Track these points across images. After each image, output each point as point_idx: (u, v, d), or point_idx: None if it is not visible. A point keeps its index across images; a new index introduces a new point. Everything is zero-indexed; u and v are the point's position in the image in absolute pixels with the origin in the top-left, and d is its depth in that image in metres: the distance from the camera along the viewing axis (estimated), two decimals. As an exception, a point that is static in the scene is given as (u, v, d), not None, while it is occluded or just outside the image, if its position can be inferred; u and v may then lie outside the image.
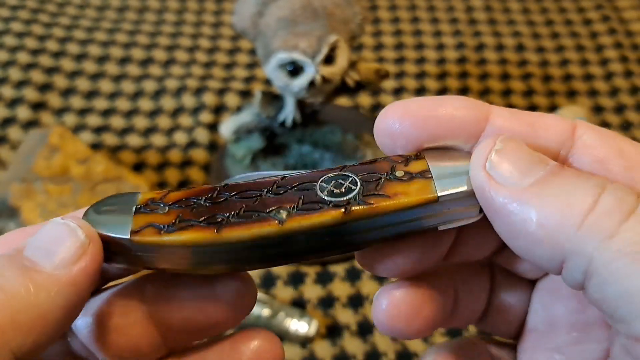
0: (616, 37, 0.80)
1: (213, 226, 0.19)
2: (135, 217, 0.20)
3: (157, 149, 0.65)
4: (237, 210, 0.19)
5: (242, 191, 0.20)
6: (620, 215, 0.16)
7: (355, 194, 0.19)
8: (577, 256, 0.16)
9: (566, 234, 0.16)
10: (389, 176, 0.20)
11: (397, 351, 0.50)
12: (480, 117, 0.20)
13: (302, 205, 0.19)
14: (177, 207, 0.20)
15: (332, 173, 0.20)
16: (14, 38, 0.76)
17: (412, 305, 0.23)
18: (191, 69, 0.74)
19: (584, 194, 0.17)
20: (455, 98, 0.20)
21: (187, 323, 0.22)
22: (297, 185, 0.20)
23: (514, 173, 0.18)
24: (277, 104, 0.56)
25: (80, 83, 0.72)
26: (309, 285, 0.54)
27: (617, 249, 0.16)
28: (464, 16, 0.84)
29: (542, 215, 0.17)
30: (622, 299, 0.16)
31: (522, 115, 0.20)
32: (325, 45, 0.46)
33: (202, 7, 0.84)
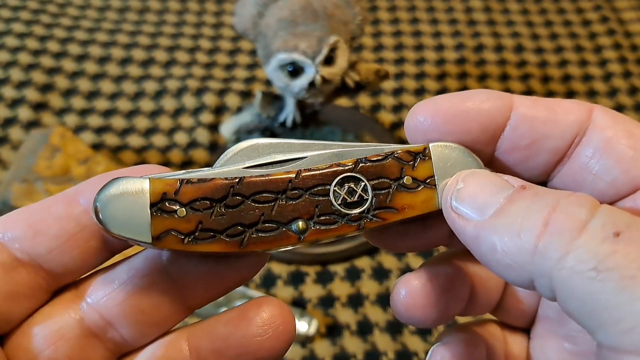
0: (615, 38, 0.81)
1: (237, 240, 0.20)
2: (154, 220, 0.19)
3: (157, 149, 0.65)
4: (257, 220, 0.20)
5: (257, 192, 0.20)
6: (571, 233, 0.17)
7: (367, 206, 0.21)
8: (540, 277, 0.17)
9: (525, 258, 0.17)
10: (397, 184, 0.21)
11: (397, 350, 0.50)
12: (504, 107, 0.21)
13: (319, 218, 0.20)
14: (195, 211, 0.20)
15: (344, 174, 0.21)
16: (15, 39, 0.76)
17: (429, 296, 0.24)
18: (192, 69, 0.74)
19: (536, 217, 0.17)
20: (480, 92, 0.22)
21: (206, 279, 0.22)
22: (311, 187, 0.21)
23: (476, 208, 0.19)
24: (278, 105, 0.57)
25: (81, 83, 0.72)
26: (309, 284, 0.54)
27: (571, 268, 0.16)
28: (463, 17, 0.85)
29: (503, 244, 0.18)
30: (584, 313, 0.16)
31: (543, 102, 0.21)
32: (325, 46, 0.47)
33: (202, 8, 0.85)
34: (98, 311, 0.21)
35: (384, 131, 0.67)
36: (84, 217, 0.21)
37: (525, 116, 0.21)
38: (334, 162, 0.21)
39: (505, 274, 0.18)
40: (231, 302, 0.50)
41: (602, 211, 0.17)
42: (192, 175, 0.20)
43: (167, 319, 0.22)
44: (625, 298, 0.15)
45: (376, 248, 0.57)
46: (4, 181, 0.55)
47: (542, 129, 0.21)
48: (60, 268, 0.21)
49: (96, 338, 0.21)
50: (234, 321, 0.22)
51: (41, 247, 0.20)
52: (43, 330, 0.21)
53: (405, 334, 0.51)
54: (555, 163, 0.22)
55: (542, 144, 0.21)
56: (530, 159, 0.22)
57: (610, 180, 0.20)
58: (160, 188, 0.20)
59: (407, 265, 0.56)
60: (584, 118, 0.21)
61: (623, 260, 0.16)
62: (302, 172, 0.21)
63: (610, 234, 0.16)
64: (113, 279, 0.22)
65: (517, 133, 0.21)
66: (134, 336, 0.22)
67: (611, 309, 0.16)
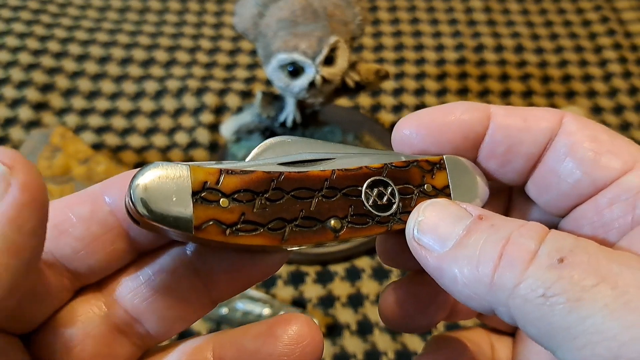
0: (615, 38, 0.81)
1: (279, 234, 0.20)
2: (196, 209, 0.18)
3: (158, 149, 0.65)
4: (297, 215, 0.20)
5: (297, 188, 0.21)
6: (522, 263, 0.18)
7: (394, 210, 0.22)
8: (499, 306, 0.18)
9: (484, 290, 0.18)
10: (419, 190, 0.23)
11: (397, 350, 0.50)
12: (483, 117, 0.23)
13: (352, 217, 0.21)
14: (237, 202, 0.19)
15: (374, 177, 0.22)
16: (16, 39, 0.76)
17: (415, 303, 0.25)
18: (192, 69, 0.74)
19: (491, 250, 0.19)
20: (459, 104, 0.23)
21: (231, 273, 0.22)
22: (345, 187, 0.21)
23: (436, 240, 0.20)
24: (278, 105, 0.57)
25: (82, 83, 0.72)
26: (309, 284, 0.54)
27: (523, 297, 0.17)
28: (463, 17, 0.85)
29: (463, 276, 0.19)
30: (542, 336, 0.18)
31: (517, 111, 0.23)
32: (325, 46, 0.47)
33: (203, 8, 0.85)
34: (123, 307, 0.21)
35: (384, 131, 0.67)
36: (110, 219, 0.21)
37: (501, 125, 0.23)
38: (364, 165, 0.22)
39: (468, 303, 0.19)
40: (231, 302, 0.50)
41: (549, 239, 0.18)
42: (231, 166, 0.20)
43: (192, 313, 0.22)
44: (574, 319, 0.16)
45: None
46: (4, 181, 0.55)
47: (517, 137, 0.22)
48: (84, 269, 0.21)
49: (122, 334, 0.21)
50: (262, 336, 0.22)
51: (66, 248, 0.20)
52: (69, 328, 0.21)
53: (405, 334, 0.51)
54: (531, 168, 0.23)
55: (517, 150, 0.23)
56: (507, 164, 0.23)
57: (573, 182, 0.22)
58: (202, 177, 0.19)
59: (407, 265, 0.56)
60: (554, 125, 0.22)
61: (568, 284, 0.17)
62: (336, 171, 0.21)
63: (555, 261, 0.17)
64: (138, 275, 0.22)
65: (494, 141, 0.23)
66: (160, 331, 0.22)
67: (564, 329, 0.17)
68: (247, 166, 0.20)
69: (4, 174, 0.16)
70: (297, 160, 0.21)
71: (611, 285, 0.17)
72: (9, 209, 0.16)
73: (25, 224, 0.16)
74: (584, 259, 0.17)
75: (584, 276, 0.17)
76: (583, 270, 0.17)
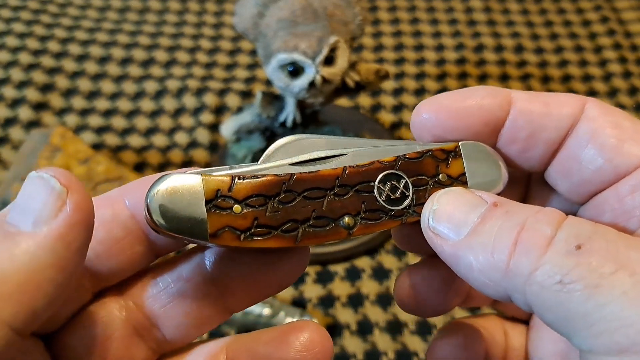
0: (615, 38, 0.81)
1: (292, 236, 0.20)
2: (210, 217, 0.19)
3: (158, 149, 0.65)
4: (309, 215, 0.21)
5: (308, 189, 0.21)
6: (538, 250, 0.18)
7: (408, 203, 0.22)
8: (515, 293, 0.18)
9: (499, 276, 0.18)
10: (434, 181, 0.22)
11: (397, 350, 0.50)
12: (504, 102, 0.22)
13: (365, 214, 0.21)
14: (250, 207, 0.20)
15: (387, 171, 0.22)
16: (16, 39, 0.76)
17: (430, 288, 0.25)
18: (192, 69, 0.74)
19: (507, 237, 0.18)
20: (480, 88, 0.23)
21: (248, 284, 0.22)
22: (357, 183, 0.21)
23: (451, 228, 0.20)
24: (278, 105, 0.57)
25: (82, 83, 0.72)
26: (309, 284, 0.54)
27: (539, 283, 0.17)
28: (463, 17, 0.85)
29: (479, 263, 0.19)
30: (558, 323, 0.18)
31: (539, 96, 0.23)
32: (325, 46, 0.47)
33: (203, 8, 0.85)
34: (142, 312, 0.22)
35: (384, 131, 0.67)
36: (130, 222, 0.21)
37: (523, 110, 0.22)
38: (376, 160, 0.22)
39: (483, 290, 0.19)
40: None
41: (566, 225, 0.18)
42: (242, 171, 0.20)
43: (209, 320, 0.23)
44: (592, 306, 0.16)
45: (376, 248, 0.57)
46: (4, 181, 0.55)
47: (539, 122, 0.22)
48: (105, 271, 0.21)
49: (140, 337, 0.22)
50: (274, 342, 0.22)
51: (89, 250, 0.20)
52: (90, 330, 0.21)
53: (405, 334, 0.51)
54: (552, 154, 0.23)
55: (539, 136, 0.22)
56: (528, 150, 0.23)
57: (594, 169, 0.21)
58: (214, 185, 0.20)
59: (407, 265, 0.56)
60: (577, 111, 0.22)
61: (585, 271, 0.17)
62: (347, 168, 0.21)
63: (573, 248, 0.17)
64: (157, 282, 0.22)
65: (516, 126, 0.22)
66: (176, 337, 0.22)
67: (581, 317, 0.17)
68: (259, 170, 0.21)
69: (60, 194, 0.17)
70: (309, 159, 0.22)
71: (629, 272, 0.16)
72: (61, 227, 0.17)
73: (74, 242, 0.17)
74: (602, 246, 0.17)
75: (602, 263, 0.17)
76: (601, 257, 0.17)
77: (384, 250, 0.57)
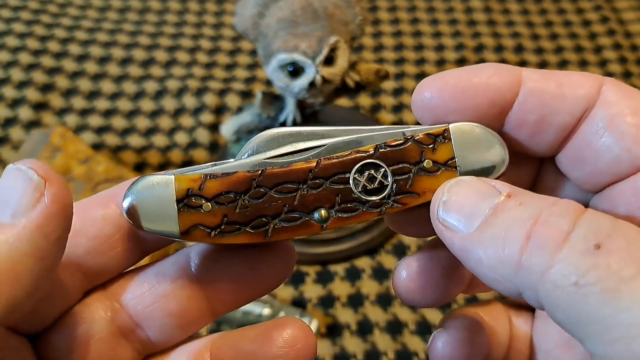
0: (615, 38, 0.81)
1: (262, 231, 0.20)
2: (181, 216, 0.20)
3: (158, 149, 0.65)
4: (280, 210, 0.21)
5: (279, 183, 0.21)
6: (553, 246, 0.17)
7: (388, 192, 0.21)
8: (526, 290, 0.17)
9: (510, 272, 0.17)
10: (418, 169, 0.21)
11: (397, 350, 0.50)
12: (513, 82, 0.21)
13: (340, 206, 0.21)
14: (219, 205, 0.20)
15: (364, 161, 0.21)
16: (16, 39, 0.76)
17: (429, 277, 0.24)
18: (192, 69, 0.74)
19: (519, 230, 0.17)
20: (488, 66, 0.21)
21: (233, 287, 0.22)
22: (331, 175, 0.21)
23: (461, 220, 0.19)
24: (278, 105, 0.57)
25: (82, 83, 0.72)
26: (309, 284, 0.54)
27: (553, 282, 0.16)
28: (463, 17, 0.85)
29: (488, 258, 0.18)
30: (571, 324, 0.17)
31: (552, 76, 0.21)
32: (325, 46, 0.47)
33: (203, 8, 0.85)
34: (127, 312, 0.22)
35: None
36: (120, 220, 0.21)
37: (533, 91, 0.21)
38: (354, 149, 0.21)
39: (494, 286, 0.18)
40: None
41: (584, 220, 0.17)
42: (216, 170, 0.21)
43: (193, 323, 0.23)
44: (609, 311, 0.15)
45: (376, 248, 0.57)
46: (4, 181, 0.55)
47: (551, 105, 0.20)
48: (96, 268, 0.21)
49: (124, 338, 0.22)
50: (258, 339, 0.22)
51: (79, 248, 0.21)
52: (74, 330, 0.21)
53: (405, 334, 0.51)
54: (564, 138, 0.21)
55: (551, 120, 0.21)
56: (538, 134, 0.21)
57: (611, 159, 0.20)
58: (186, 184, 0.20)
59: (407, 265, 0.56)
60: (593, 93, 0.20)
61: (604, 273, 0.16)
62: (322, 161, 0.21)
63: (591, 247, 0.16)
64: (142, 282, 0.22)
65: (525, 109, 0.21)
66: (161, 338, 0.22)
67: (596, 321, 0.16)
68: (231, 168, 0.21)
69: (38, 185, 0.17)
70: (287, 152, 0.21)
71: None
72: (39, 217, 0.17)
73: (52, 233, 0.17)
74: (622, 245, 0.16)
75: (622, 265, 0.16)
76: (621, 258, 0.16)
77: (384, 251, 0.57)
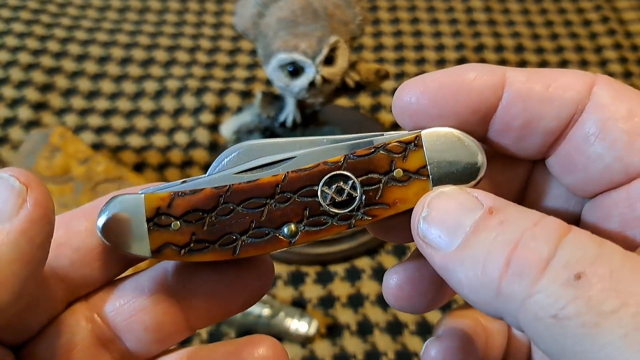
0: (615, 38, 0.81)
1: (230, 248, 0.20)
2: (151, 235, 0.20)
3: (157, 149, 0.65)
4: (247, 227, 0.20)
5: (246, 199, 0.21)
6: (533, 274, 0.16)
7: (357, 204, 0.21)
8: (507, 316, 0.17)
9: (490, 297, 0.17)
10: (387, 179, 0.21)
11: (397, 351, 0.50)
12: (496, 85, 0.20)
13: (309, 220, 0.21)
14: (187, 223, 0.20)
15: (332, 172, 0.21)
16: (15, 38, 0.76)
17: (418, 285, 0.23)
18: (192, 69, 0.74)
19: (498, 255, 0.17)
20: (470, 68, 0.20)
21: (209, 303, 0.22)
22: (299, 189, 0.21)
23: (442, 237, 0.18)
24: (278, 105, 0.57)
25: (81, 83, 0.72)
26: (309, 285, 0.54)
27: (533, 312, 0.16)
28: (463, 17, 0.85)
29: (468, 280, 0.17)
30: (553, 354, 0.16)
31: (539, 76, 0.20)
32: (325, 46, 0.47)
33: (203, 8, 0.85)
34: (107, 324, 0.22)
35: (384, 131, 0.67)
36: None
37: (518, 95, 0.20)
38: (322, 161, 0.21)
39: (475, 306, 0.18)
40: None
41: (566, 243, 0.16)
42: (185, 187, 0.21)
43: (169, 337, 0.22)
44: (589, 346, 0.15)
45: (376, 248, 0.57)
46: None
47: (536, 109, 0.20)
48: (80, 280, 0.22)
49: (105, 348, 0.22)
50: (229, 356, 0.22)
51: (64, 259, 0.21)
52: (57, 340, 0.21)
53: (405, 334, 0.51)
54: (552, 142, 0.20)
55: (537, 125, 0.20)
56: (524, 139, 0.20)
57: (603, 167, 0.19)
58: (155, 203, 0.20)
59: (407, 265, 0.56)
60: (583, 95, 0.19)
61: (584, 307, 0.15)
62: (289, 174, 0.21)
63: (572, 276, 0.15)
64: (120, 295, 0.22)
65: (509, 113, 0.20)
66: (139, 350, 0.22)
67: (576, 354, 0.15)
68: (199, 184, 0.21)
69: (20, 191, 0.18)
70: (256, 166, 0.21)
71: (633, 311, 0.15)
72: (23, 223, 0.17)
73: (36, 237, 0.18)
74: (605, 274, 0.15)
75: (603, 298, 0.15)
76: (602, 290, 0.15)
77: (384, 251, 0.57)
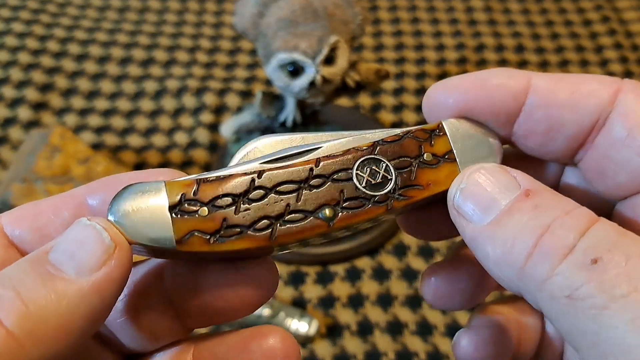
0: (616, 38, 0.81)
1: (265, 234, 0.19)
2: (176, 223, 0.19)
3: (157, 149, 0.65)
4: (283, 211, 0.20)
5: (279, 183, 0.20)
6: (555, 258, 0.17)
7: (393, 186, 0.21)
8: (527, 294, 0.18)
9: (513, 274, 0.18)
10: (419, 161, 0.21)
11: (397, 351, 0.50)
12: (519, 91, 0.21)
13: (345, 203, 0.20)
14: (217, 208, 0.19)
15: (364, 157, 0.21)
16: (15, 38, 0.76)
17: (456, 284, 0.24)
18: (192, 69, 0.74)
19: (528, 237, 0.17)
20: (497, 72, 0.21)
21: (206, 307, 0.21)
22: (333, 173, 0.20)
23: (476, 211, 0.19)
24: (278, 104, 0.57)
25: (81, 83, 0.72)
26: (309, 285, 0.54)
27: (550, 292, 0.17)
28: (464, 17, 0.85)
29: (495, 255, 0.18)
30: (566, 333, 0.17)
31: (564, 83, 0.20)
32: (325, 45, 0.47)
33: (202, 8, 0.85)
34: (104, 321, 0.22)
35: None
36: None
37: (540, 101, 0.20)
38: (352, 148, 0.21)
39: (497, 280, 0.19)
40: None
41: (590, 233, 0.17)
42: (208, 175, 0.20)
43: (163, 337, 0.22)
44: (598, 327, 0.16)
45: (376, 248, 0.57)
46: (4, 181, 0.55)
47: (558, 116, 0.20)
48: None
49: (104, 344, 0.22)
50: (237, 347, 0.21)
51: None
52: None
53: (405, 334, 0.51)
54: (576, 148, 0.21)
55: (558, 131, 0.20)
56: (548, 144, 0.21)
57: (632, 172, 0.20)
58: (178, 190, 0.19)
59: (407, 265, 0.56)
60: (606, 102, 0.20)
61: (596, 289, 0.16)
62: (321, 159, 0.21)
63: (589, 261, 0.16)
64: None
65: (532, 119, 0.21)
66: (134, 348, 0.22)
67: (586, 334, 0.16)
68: (227, 171, 0.20)
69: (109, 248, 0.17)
70: (282, 156, 0.21)
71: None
72: (102, 280, 0.17)
73: (109, 297, 0.17)
74: (620, 261, 0.16)
75: (615, 282, 0.16)
76: (615, 275, 0.16)
77: (384, 251, 0.57)
